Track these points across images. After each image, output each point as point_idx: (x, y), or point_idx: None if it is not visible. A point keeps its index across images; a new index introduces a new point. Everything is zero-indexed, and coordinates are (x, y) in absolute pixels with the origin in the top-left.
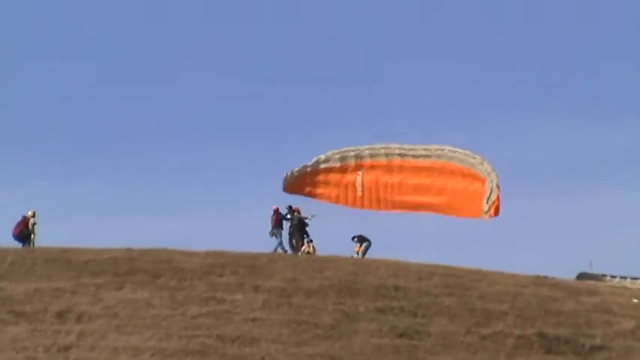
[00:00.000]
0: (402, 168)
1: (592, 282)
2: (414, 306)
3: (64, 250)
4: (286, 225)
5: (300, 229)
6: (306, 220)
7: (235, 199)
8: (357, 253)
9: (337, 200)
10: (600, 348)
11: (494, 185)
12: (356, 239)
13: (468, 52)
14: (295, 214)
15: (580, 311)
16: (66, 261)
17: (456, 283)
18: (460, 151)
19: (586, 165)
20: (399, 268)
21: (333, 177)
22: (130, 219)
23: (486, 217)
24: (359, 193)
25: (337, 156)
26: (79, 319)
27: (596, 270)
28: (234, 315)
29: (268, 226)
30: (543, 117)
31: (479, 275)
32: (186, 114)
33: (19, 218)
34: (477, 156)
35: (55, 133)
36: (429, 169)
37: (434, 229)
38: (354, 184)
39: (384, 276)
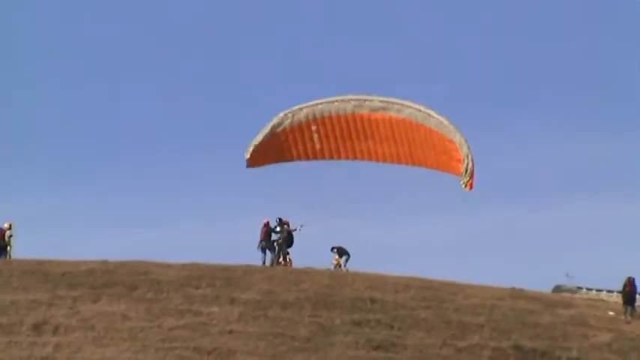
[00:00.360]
0: (360, 118)
1: (568, 295)
2: (390, 318)
3: (40, 262)
4: (274, 237)
5: (288, 242)
6: (295, 233)
7: (212, 210)
8: (338, 266)
9: (298, 157)
10: None
11: (469, 153)
12: (335, 250)
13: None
14: (285, 226)
15: (556, 324)
16: (42, 273)
17: (433, 296)
18: (422, 109)
19: (563, 178)
20: (376, 281)
21: (291, 136)
22: (106, 231)
23: (467, 189)
24: (317, 146)
25: (290, 116)
26: (56, 331)
27: (572, 283)
28: (211, 327)
29: (255, 238)
30: (519, 129)
31: (455, 288)
32: (166, 126)
33: None
34: (438, 116)
35: (32, 145)
36: (387, 121)
37: (410, 240)
38: (311, 139)
39: (361, 288)
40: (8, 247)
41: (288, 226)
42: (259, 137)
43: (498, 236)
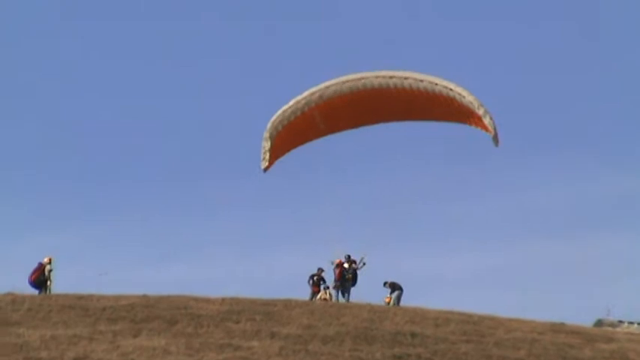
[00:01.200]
0: (358, 95)
1: (609, 329)
2: (430, 353)
3: (80, 297)
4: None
5: (354, 279)
6: (358, 271)
7: (252, 244)
8: (388, 304)
9: (305, 140)
10: None
11: (487, 109)
12: (387, 285)
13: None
14: (352, 265)
15: (597, 358)
16: (82, 308)
17: (473, 330)
18: (424, 77)
19: (605, 210)
20: (416, 315)
21: (294, 128)
22: (146, 265)
23: (497, 144)
24: (321, 126)
25: (289, 111)
26: None
27: (614, 317)
28: None
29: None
30: (560, 162)
31: (495, 322)
32: (205, 160)
33: (35, 265)
34: (443, 81)
35: (70, 179)
36: (387, 93)
37: (451, 274)
38: (313, 121)
39: (401, 322)
40: (48, 282)
41: (355, 264)
42: (266, 142)
43: (540, 268)
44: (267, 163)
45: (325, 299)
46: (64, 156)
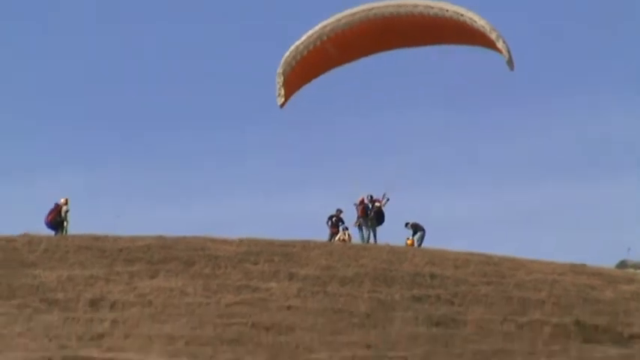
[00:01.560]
0: (368, 23)
1: (631, 270)
2: (450, 294)
3: (97, 238)
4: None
5: (378, 219)
6: (383, 207)
7: (270, 185)
8: (411, 246)
9: (319, 73)
10: (639, 336)
11: (500, 34)
12: (410, 226)
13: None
14: (376, 204)
15: (618, 299)
16: (99, 249)
17: (493, 271)
18: (433, 4)
19: (629, 151)
20: (435, 256)
21: (307, 62)
22: (162, 206)
23: (512, 68)
24: (334, 57)
25: (302, 46)
26: (113, 307)
27: (634, 257)
28: (269, 303)
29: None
30: (581, 101)
31: (516, 263)
32: (222, 96)
33: (52, 206)
34: (453, 7)
35: (88, 118)
36: (398, 21)
37: (471, 216)
38: (326, 54)
39: (420, 264)
40: (65, 223)
41: (379, 202)
42: (280, 78)
43: (562, 210)
44: (283, 99)
45: (344, 240)
46: (82, 95)
